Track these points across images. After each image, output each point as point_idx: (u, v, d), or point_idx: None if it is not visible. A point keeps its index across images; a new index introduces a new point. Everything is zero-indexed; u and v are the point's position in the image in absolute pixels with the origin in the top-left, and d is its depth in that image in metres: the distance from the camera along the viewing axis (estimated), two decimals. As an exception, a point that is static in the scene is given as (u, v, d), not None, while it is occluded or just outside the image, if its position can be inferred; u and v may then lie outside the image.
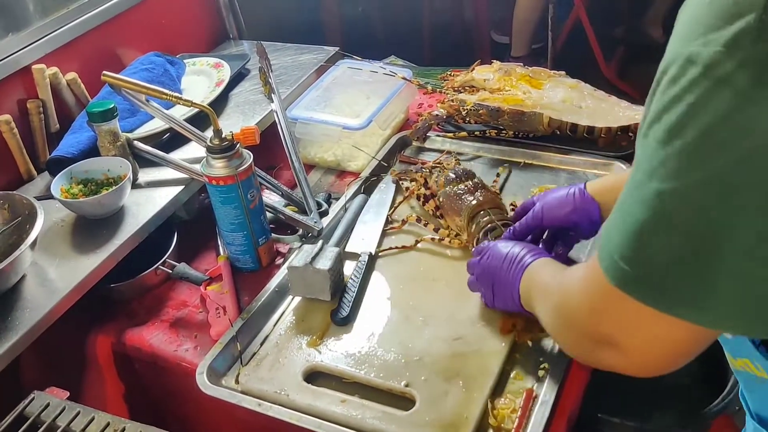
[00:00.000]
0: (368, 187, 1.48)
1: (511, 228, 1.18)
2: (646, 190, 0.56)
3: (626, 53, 3.52)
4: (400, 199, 1.41)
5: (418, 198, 1.37)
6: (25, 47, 1.42)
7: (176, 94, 1.26)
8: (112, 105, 1.31)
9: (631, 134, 1.44)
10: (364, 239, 1.32)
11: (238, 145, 1.20)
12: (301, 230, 1.36)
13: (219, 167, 1.19)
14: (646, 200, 0.56)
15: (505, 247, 1.07)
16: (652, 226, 0.56)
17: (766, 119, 0.49)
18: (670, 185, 0.54)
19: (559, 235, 1.20)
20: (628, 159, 1.43)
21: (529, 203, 1.21)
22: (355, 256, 1.29)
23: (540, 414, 0.98)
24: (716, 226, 0.53)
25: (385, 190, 1.44)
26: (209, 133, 1.20)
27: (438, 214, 1.33)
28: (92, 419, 0.98)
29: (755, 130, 0.49)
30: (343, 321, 1.16)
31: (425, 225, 1.33)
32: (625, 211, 0.59)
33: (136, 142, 1.37)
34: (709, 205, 0.53)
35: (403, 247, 1.31)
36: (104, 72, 1.28)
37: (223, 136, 1.19)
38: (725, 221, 0.52)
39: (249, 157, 1.22)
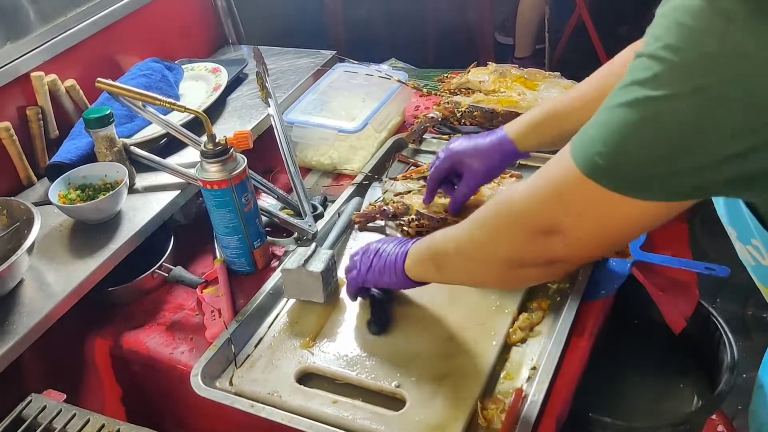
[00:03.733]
0: (365, 188, 1.48)
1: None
2: (638, 97, 0.64)
3: (630, 52, 3.51)
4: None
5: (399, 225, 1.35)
6: (24, 55, 1.43)
7: (169, 100, 1.27)
8: (109, 111, 1.32)
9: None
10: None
11: (231, 150, 1.22)
12: (296, 233, 1.37)
13: (213, 171, 1.21)
14: (637, 105, 0.64)
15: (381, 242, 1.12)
16: (638, 126, 0.64)
17: (757, 46, 0.57)
18: (663, 92, 0.62)
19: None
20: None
21: (445, 169, 1.25)
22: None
23: (528, 414, 0.99)
24: (696, 131, 0.61)
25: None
26: (205, 138, 1.21)
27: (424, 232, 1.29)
28: (87, 421, 1.00)
29: (747, 55, 0.58)
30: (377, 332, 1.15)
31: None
32: (611, 115, 0.66)
33: (132, 148, 1.39)
34: (694, 111, 0.61)
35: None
36: (98, 79, 1.29)
37: (216, 140, 1.20)
38: (705, 125, 0.61)
39: (243, 161, 1.23)
